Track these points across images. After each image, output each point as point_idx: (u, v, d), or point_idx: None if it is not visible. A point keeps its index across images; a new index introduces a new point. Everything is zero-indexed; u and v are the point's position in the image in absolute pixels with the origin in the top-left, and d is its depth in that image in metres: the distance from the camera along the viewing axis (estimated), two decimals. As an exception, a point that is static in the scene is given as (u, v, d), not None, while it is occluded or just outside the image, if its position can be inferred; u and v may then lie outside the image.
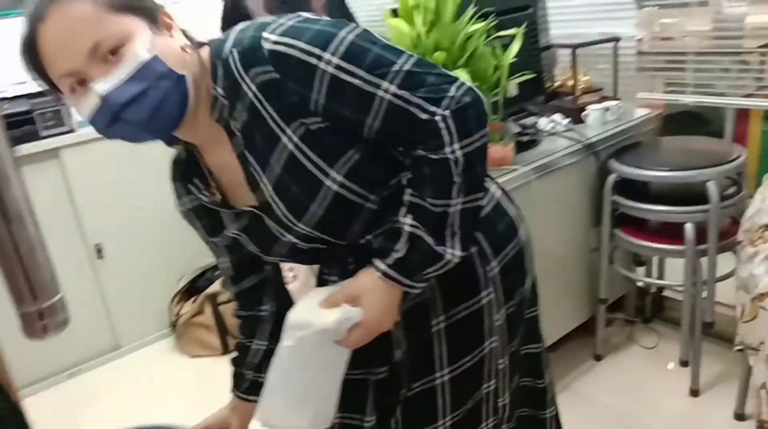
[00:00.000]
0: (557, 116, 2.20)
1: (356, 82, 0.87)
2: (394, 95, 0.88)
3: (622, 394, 2.15)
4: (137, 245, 2.81)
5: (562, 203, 2.12)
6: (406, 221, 0.93)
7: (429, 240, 0.92)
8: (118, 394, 2.59)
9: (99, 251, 2.71)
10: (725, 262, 1.99)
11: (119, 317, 2.83)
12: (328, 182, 0.92)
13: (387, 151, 0.98)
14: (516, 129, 2.07)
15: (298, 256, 1.05)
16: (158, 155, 1.10)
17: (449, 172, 0.90)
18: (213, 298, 2.72)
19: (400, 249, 0.93)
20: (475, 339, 1.10)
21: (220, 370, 2.69)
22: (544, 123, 2.17)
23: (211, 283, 2.78)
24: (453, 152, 0.89)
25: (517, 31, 1.88)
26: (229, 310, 2.72)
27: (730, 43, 2.26)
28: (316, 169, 0.92)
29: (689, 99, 2.36)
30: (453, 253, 0.94)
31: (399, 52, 0.90)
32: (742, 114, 2.52)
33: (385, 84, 0.87)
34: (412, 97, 0.88)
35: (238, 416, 1.23)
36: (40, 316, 0.44)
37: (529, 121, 2.17)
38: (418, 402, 1.11)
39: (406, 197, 0.94)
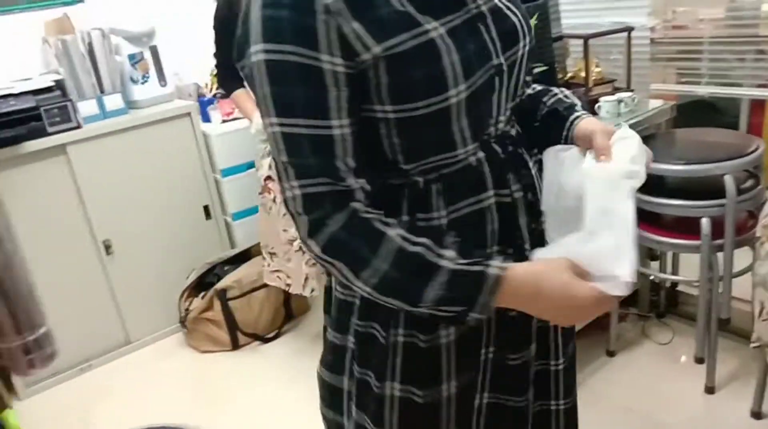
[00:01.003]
0: (569, 108, 2.16)
1: None
2: None
3: (636, 390, 2.12)
4: (146, 241, 2.80)
5: (575, 198, 2.08)
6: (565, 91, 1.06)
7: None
8: (129, 389, 2.59)
9: (108, 247, 2.71)
10: (742, 257, 1.95)
11: (129, 312, 2.83)
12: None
13: None
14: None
15: (487, 90, 0.87)
16: (165, 150, 1.03)
17: None
18: (222, 293, 2.70)
19: (577, 103, 1.04)
20: None
21: (229, 365, 2.71)
22: (556, 116, 2.13)
23: (220, 278, 2.76)
24: None
25: (530, 22, 1.84)
26: (238, 306, 2.71)
27: (745, 32, 2.21)
28: None
29: (704, 90, 2.31)
30: None
31: None
32: (757, 105, 2.47)
33: None
34: None
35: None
36: (26, 350, 0.42)
37: (541, 113, 2.12)
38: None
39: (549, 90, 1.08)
